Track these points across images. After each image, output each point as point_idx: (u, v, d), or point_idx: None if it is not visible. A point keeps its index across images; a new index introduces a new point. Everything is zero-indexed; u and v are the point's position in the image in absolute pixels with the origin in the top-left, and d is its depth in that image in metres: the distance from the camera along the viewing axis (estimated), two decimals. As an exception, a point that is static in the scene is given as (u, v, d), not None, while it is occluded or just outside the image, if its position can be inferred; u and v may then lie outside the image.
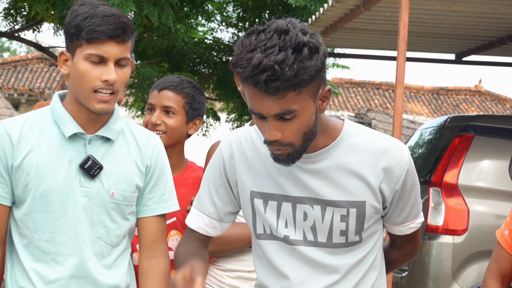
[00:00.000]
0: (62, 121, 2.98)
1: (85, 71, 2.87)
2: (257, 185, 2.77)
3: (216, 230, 2.88)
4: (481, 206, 7.05)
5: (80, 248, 2.95)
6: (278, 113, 2.51)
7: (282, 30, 2.50)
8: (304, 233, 2.74)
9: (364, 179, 2.73)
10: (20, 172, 2.93)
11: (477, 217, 6.96)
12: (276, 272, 2.79)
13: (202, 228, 2.86)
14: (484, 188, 7.17)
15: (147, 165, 3.07)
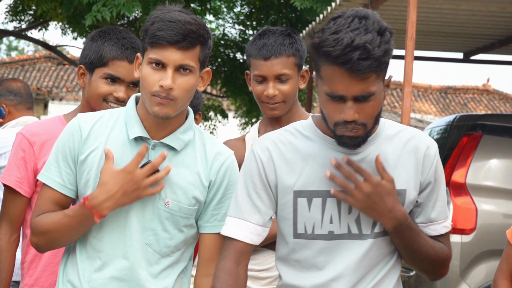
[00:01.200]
0: (130, 122, 2.97)
1: (147, 75, 2.88)
2: (300, 184, 2.81)
3: (260, 238, 2.86)
4: (489, 205, 7.04)
5: (127, 252, 2.94)
6: (360, 94, 2.63)
7: (362, 15, 2.63)
8: (349, 226, 2.80)
9: (404, 167, 2.83)
10: (84, 167, 2.94)
11: (485, 216, 6.95)
12: (315, 270, 2.83)
13: (248, 237, 2.84)
14: (492, 187, 7.17)
15: (211, 180, 3.00)
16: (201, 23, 2.93)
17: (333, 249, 2.81)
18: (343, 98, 2.65)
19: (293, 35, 3.61)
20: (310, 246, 2.81)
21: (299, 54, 3.59)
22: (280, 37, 3.57)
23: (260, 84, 3.58)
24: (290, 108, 3.63)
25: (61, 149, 2.96)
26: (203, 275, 3.04)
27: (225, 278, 2.79)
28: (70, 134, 2.96)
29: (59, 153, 2.96)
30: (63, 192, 2.96)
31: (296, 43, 3.59)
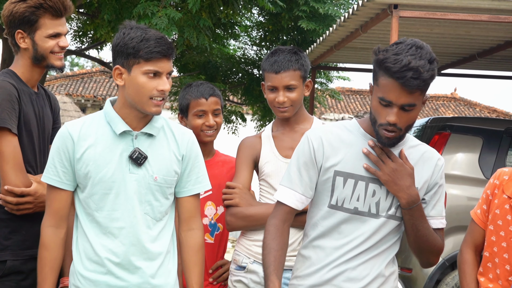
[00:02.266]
0: (114, 121, 2.98)
1: (144, 83, 2.89)
2: (341, 166, 2.87)
3: (302, 205, 2.94)
4: (456, 190, 7.02)
5: (131, 222, 2.96)
6: (405, 104, 2.72)
7: (418, 45, 2.72)
8: (370, 206, 2.86)
9: (418, 171, 2.88)
10: (81, 164, 2.95)
11: (453, 199, 6.91)
12: (335, 236, 2.88)
13: (294, 203, 2.92)
14: (458, 175, 7.14)
15: (183, 155, 3.06)
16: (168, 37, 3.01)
17: (353, 221, 2.86)
18: (391, 104, 2.73)
19: (299, 53, 3.59)
20: (337, 216, 2.88)
21: (303, 68, 3.57)
22: (288, 54, 3.56)
23: (272, 92, 3.57)
24: (297, 111, 3.61)
25: (56, 153, 2.97)
26: (186, 230, 3.11)
27: (273, 232, 2.90)
28: (62, 140, 2.97)
29: (55, 157, 2.97)
30: (60, 187, 2.98)
31: (301, 60, 3.57)
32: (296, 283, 2.93)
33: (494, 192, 3.15)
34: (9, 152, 3.13)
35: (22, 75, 3.30)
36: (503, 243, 3.08)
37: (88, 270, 2.96)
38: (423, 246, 2.91)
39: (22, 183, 3.16)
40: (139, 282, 2.96)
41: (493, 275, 3.10)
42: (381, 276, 2.87)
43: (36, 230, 3.19)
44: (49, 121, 3.40)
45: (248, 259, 3.62)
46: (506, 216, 3.07)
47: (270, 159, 3.60)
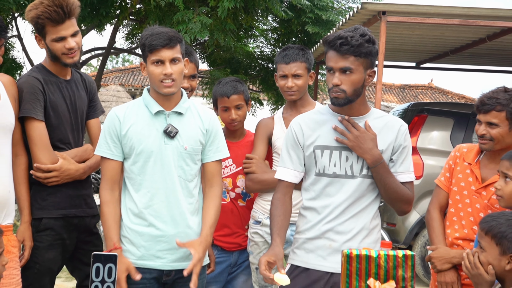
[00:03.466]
0: (149, 104, 3.02)
1: (153, 70, 2.94)
2: (318, 141, 2.89)
3: (297, 179, 2.96)
4: (431, 161, 6.99)
5: (167, 183, 2.98)
6: (342, 67, 2.74)
7: (356, 27, 2.77)
8: (346, 170, 2.86)
9: (383, 136, 2.87)
10: (126, 139, 2.98)
11: (429, 168, 6.91)
12: (323, 198, 2.89)
13: (289, 178, 2.95)
14: (433, 149, 7.11)
15: (206, 129, 3.08)
16: (174, 31, 2.99)
17: (335, 184, 2.87)
18: (333, 70, 2.77)
19: (305, 49, 3.63)
20: (322, 181, 2.89)
21: (308, 62, 3.61)
22: (296, 50, 3.60)
23: (283, 79, 3.61)
24: (302, 96, 3.63)
25: (108, 132, 3.00)
26: (210, 186, 3.13)
27: (276, 203, 2.92)
28: (111, 121, 3.01)
29: (107, 134, 3.00)
30: (112, 158, 3.00)
31: (306, 54, 3.61)
32: (297, 237, 2.96)
33: (456, 161, 3.19)
34: (36, 136, 3.12)
35: (49, 68, 3.28)
36: (466, 200, 3.11)
37: (134, 223, 2.98)
38: (393, 197, 2.87)
39: (49, 161, 3.15)
40: (176, 232, 2.97)
41: (459, 226, 3.11)
42: (365, 229, 2.86)
43: (69, 194, 3.23)
44: (82, 102, 3.37)
45: (263, 215, 3.64)
46: (468, 178, 3.11)
47: (281, 136, 3.63)
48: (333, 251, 2.82)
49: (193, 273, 2.89)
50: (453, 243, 3.14)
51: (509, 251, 2.39)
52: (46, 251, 3.17)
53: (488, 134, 3.01)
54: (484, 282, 2.44)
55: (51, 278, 3.24)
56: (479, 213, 3.07)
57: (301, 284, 2.84)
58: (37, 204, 3.17)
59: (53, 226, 3.19)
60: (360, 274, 2.12)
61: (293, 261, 2.95)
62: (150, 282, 2.98)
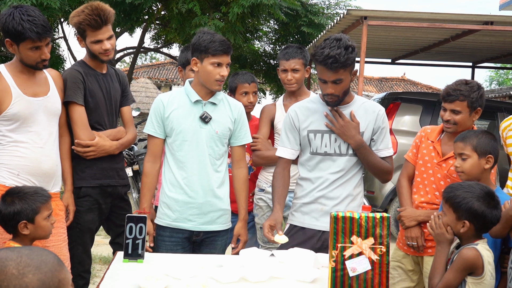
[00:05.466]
0: (190, 94, 3.00)
1: (211, 70, 2.91)
2: (311, 126, 2.88)
3: (294, 155, 2.95)
4: (403, 140, 6.95)
5: (199, 159, 2.97)
6: (334, 80, 2.71)
7: (338, 38, 2.69)
8: (335, 149, 2.85)
9: (364, 119, 2.86)
10: (168, 121, 2.97)
11: (401, 146, 6.87)
12: (316, 171, 2.88)
13: (287, 155, 2.94)
14: (405, 130, 7.07)
15: (235, 118, 3.07)
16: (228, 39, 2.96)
17: (326, 160, 2.86)
18: (326, 81, 2.72)
19: (302, 48, 3.61)
20: (315, 158, 2.88)
21: (305, 58, 3.58)
22: (295, 48, 3.58)
23: (284, 73, 3.58)
24: (300, 87, 3.61)
25: (153, 114, 3.00)
26: (237, 168, 3.13)
27: (277, 176, 2.92)
28: (157, 105, 3.01)
29: (153, 116, 3.00)
30: (155, 136, 3.00)
31: (303, 52, 3.58)
32: (295, 202, 2.96)
33: (421, 140, 3.22)
34: (77, 117, 3.11)
35: (89, 63, 3.26)
36: (429, 171, 3.14)
37: (171, 191, 2.99)
38: (375, 171, 2.91)
39: (87, 138, 3.13)
40: (204, 200, 2.98)
41: (424, 192, 3.14)
42: (350, 195, 2.87)
43: (103, 167, 3.22)
44: (116, 92, 3.35)
45: (266, 184, 3.65)
46: (431, 153, 3.14)
47: (281, 119, 3.62)
48: (324, 213, 2.84)
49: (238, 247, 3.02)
50: (419, 206, 3.17)
51: (463, 217, 2.39)
52: (86, 213, 3.17)
53: (453, 119, 3.03)
54: (445, 239, 2.45)
55: (91, 236, 3.25)
56: (440, 181, 3.12)
57: (298, 240, 2.85)
58: (77, 175, 3.17)
59: (90, 194, 3.18)
60: (345, 232, 2.12)
61: (292, 222, 2.96)
62: (183, 241, 3.00)
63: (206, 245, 3.05)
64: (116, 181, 3.31)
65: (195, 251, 3.07)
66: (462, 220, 2.41)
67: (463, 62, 11.71)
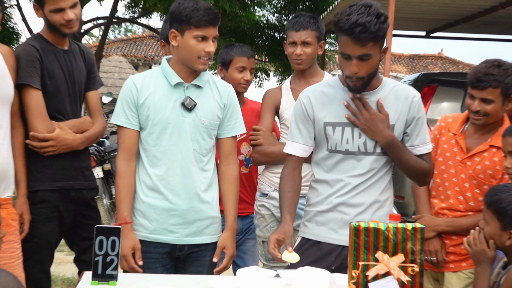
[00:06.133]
0: (169, 75, 3.01)
1: (194, 45, 2.91)
2: (328, 118, 2.85)
3: (306, 153, 2.93)
4: (441, 132, 6.97)
5: (182, 156, 2.98)
6: (360, 55, 2.67)
7: (367, 4, 2.66)
8: (359, 147, 2.83)
9: (396, 109, 2.84)
10: (143, 108, 2.97)
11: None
12: (335, 172, 2.87)
13: (298, 152, 2.92)
14: (443, 120, 7.09)
15: (224, 103, 3.08)
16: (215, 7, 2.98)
17: (348, 159, 2.85)
18: (350, 57, 2.69)
19: (316, 17, 3.61)
20: (334, 157, 2.86)
21: (319, 30, 3.58)
22: (307, 18, 3.58)
23: (292, 47, 3.59)
24: (311, 66, 3.61)
25: (125, 100, 3.00)
26: (226, 165, 3.14)
27: (286, 178, 2.90)
28: (128, 89, 3.01)
29: (124, 103, 3.00)
30: (128, 127, 3.00)
31: (317, 23, 3.58)
32: (308, 210, 2.95)
33: (441, 132, 3.25)
34: (32, 104, 3.12)
35: (47, 37, 3.26)
36: (451, 170, 3.18)
37: (147, 196, 2.99)
38: (410, 172, 2.91)
39: (45, 130, 3.14)
40: (189, 206, 2.99)
41: (444, 196, 3.18)
42: (377, 202, 2.86)
43: (65, 165, 3.23)
44: (80, 73, 3.36)
45: (270, 187, 3.65)
46: (453, 148, 3.17)
47: (288, 106, 3.61)
48: (344, 224, 2.81)
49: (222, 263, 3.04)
50: (439, 213, 3.21)
51: (510, 226, 2.39)
52: (43, 224, 3.18)
53: (483, 110, 3.05)
54: (487, 258, 2.46)
55: (49, 251, 3.26)
56: (464, 183, 3.14)
57: (312, 257, 2.84)
58: (33, 176, 3.17)
59: (49, 199, 3.19)
60: (368, 247, 2.12)
61: (304, 234, 2.95)
62: (163, 257, 3.00)
63: (192, 262, 3.05)
64: (80, 183, 3.32)
65: (178, 269, 3.07)
66: (508, 230, 2.41)
67: (515, 35, 11.71)
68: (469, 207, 3.14)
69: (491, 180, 3.09)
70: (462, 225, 3.11)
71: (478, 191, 3.12)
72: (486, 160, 3.11)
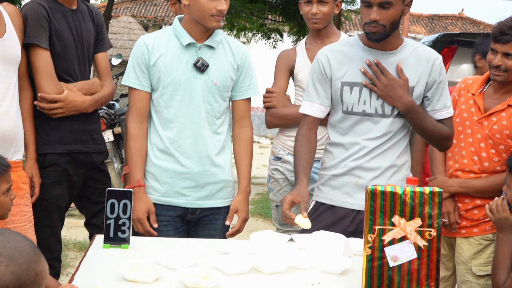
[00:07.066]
0: (181, 35, 3.01)
1: (205, 3, 2.91)
2: (346, 77, 2.85)
3: (323, 114, 2.93)
4: (459, 93, 6.93)
5: (194, 118, 2.99)
6: (381, 2, 2.68)
7: None
8: (376, 108, 2.83)
9: (416, 71, 2.83)
10: (154, 69, 2.98)
11: (458, 102, 6.85)
12: (351, 135, 2.87)
13: (315, 112, 2.91)
14: (462, 82, 7.04)
15: (238, 64, 3.08)
16: None
17: (365, 121, 2.85)
18: (370, 4, 2.70)
19: None
20: (350, 119, 2.86)
21: None
22: None
23: (308, 5, 3.56)
24: (327, 26, 3.59)
25: (136, 61, 3.01)
26: (239, 128, 3.16)
27: (301, 140, 2.90)
28: (140, 49, 3.01)
29: (135, 64, 3.01)
30: (140, 88, 3.01)
31: None
32: (323, 173, 2.96)
33: (460, 93, 3.27)
34: (40, 64, 3.11)
35: None
36: (468, 130, 3.19)
37: (159, 159, 3.02)
38: (431, 138, 2.91)
39: (53, 91, 3.14)
40: (201, 169, 3.01)
41: (459, 156, 3.20)
42: (393, 166, 2.86)
43: (74, 128, 3.24)
44: (89, 33, 3.35)
45: (284, 151, 3.66)
46: (471, 109, 3.19)
47: (303, 67, 3.61)
48: (359, 188, 2.84)
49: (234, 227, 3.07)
50: (453, 174, 3.23)
51: None
52: (53, 187, 3.21)
53: (504, 65, 3.06)
54: (510, 225, 2.46)
55: (59, 215, 3.29)
56: (480, 143, 3.16)
57: (326, 221, 2.86)
58: (41, 139, 3.19)
59: (58, 162, 3.21)
60: (385, 211, 2.12)
61: (318, 198, 2.96)
62: (175, 220, 3.04)
63: (204, 226, 3.09)
64: (90, 146, 3.34)
65: (190, 233, 3.11)
66: None
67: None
68: (484, 167, 3.16)
69: (507, 140, 3.10)
70: (475, 186, 3.14)
71: (494, 152, 3.13)
72: (504, 120, 3.12)
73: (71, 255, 5.48)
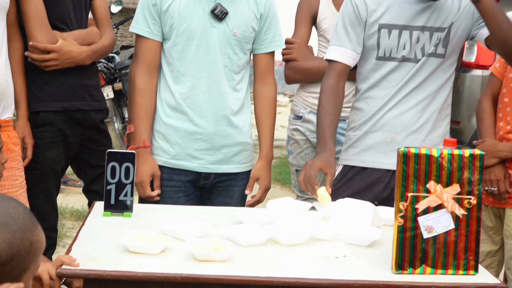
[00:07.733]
0: None
1: None
2: (384, 19, 2.85)
3: (353, 61, 2.92)
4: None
5: (211, 73, 2.98)
6: None
7: None
8: (415, 53, 2.84)
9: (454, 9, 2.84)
10: (167, 16, 2.96)
11: None
12: (384, 85, 2.88)
13: (346, 59, 2.91)
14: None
15: (261, 13, 3.05)
16: None
17: (402, 68, 2.86)
18: None
19: None
20: (386, 66, 2.87)
21: None
22: None
23: None
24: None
25: (146, 6, 2.99)
26: (262, 85, 3.14)
27: (329, 93, 2.88)
28: None
29: (145, 9, 2.99)
30: (150, 37, 3.00)
31: None
32: (351, 134, 2.96)
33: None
34: (31, 11, 3.10)
35: None
36: None
37: (169, 117, 3.03)
38: (507, 34, 2.72)
39: (47, 40, 3.14)
40: (216, 129, 3.02)
41: (510, 117, 3.15)
42: (433, 120, 2.85)
43: (70, 83, 3.25)
44: None
45: (305, 109, 3.66)
46: None
47: (328, 15, 3.60)
48: (395, 146, 2.82)
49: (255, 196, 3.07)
50: (503, 137, 3.18)
51: None
52: (47, 149, 3.23)
53: None
54: None
55: (55, 179, 3.31)
56: None
57: (356, 187, 2.87)
58: (33, 96, 3.20)
59: (52, 121, 3.23)
60: (419, 176, 2.12)
61: (346, 161, 2.97)
62: (186, 186, 3.05)
63: (219, 193, 3.11)
64: (87, 103, 3.35)
65: (203, 200, 3.13)
66: None
67: None
68: None
69: None
70: None
71: None
72: None
73: (68, 224, 5.54)
